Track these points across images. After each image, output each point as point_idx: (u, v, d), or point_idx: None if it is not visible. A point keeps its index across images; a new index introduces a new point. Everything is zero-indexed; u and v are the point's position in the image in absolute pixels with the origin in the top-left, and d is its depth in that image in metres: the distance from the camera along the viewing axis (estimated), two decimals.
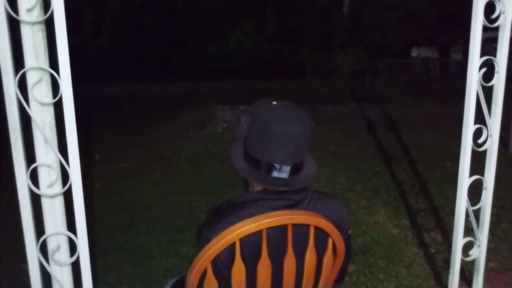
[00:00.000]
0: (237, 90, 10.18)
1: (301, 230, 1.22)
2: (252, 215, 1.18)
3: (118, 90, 11.58)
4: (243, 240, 1.17)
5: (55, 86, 1.36)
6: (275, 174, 1.25)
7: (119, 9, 18.28)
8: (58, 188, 1.47)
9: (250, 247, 1.19)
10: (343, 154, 5.21)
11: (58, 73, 1.34)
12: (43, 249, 1.52)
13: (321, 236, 1.25)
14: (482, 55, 2.20)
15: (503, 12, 2.16)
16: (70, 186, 1.44)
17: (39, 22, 1.34)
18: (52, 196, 1.48)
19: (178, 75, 15.07)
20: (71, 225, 1.51)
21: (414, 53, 16.87)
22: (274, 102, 1.30)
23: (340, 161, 4.90)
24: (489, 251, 2.73)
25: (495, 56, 2.25)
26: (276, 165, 1.24)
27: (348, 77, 12.50)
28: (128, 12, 18.36)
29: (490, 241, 2.87)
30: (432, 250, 3.04)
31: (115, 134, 6.36)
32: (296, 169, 1.27)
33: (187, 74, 15.46)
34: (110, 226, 3.43)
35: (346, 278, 2.67)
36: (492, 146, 2.28)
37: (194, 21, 17.88)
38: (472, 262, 2.47)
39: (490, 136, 2.26)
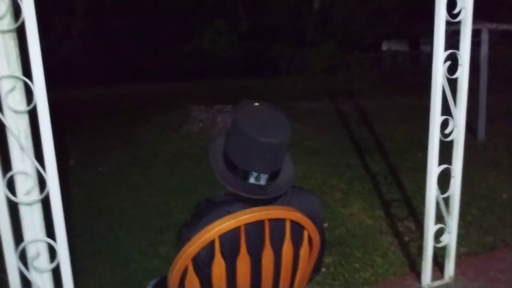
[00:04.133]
0: (212, 89, 10.17)
1: (277, 224, 1.27)
2: (229, 212, 1.22)
3: (90, 92, 11.40)
4: (222, 237, 1.21)
5: (29, 93, 1.37)
6: (252, 180, 1.27)
7: (88, 10, 17.95)
8: (35, 195, 1.48)
9: (229, 244, 1.23)
10: (318, 148, 5.29)
11: (31, 80, 1.34)
12: (22, 257, 1.52)
13: (297, 229, 1.30)
14: (449, 48, 2.29)
15: (464, 8, 2.26)
16: (48, 193, 1.45)
17: (10, 31, 1.34)
18: (30, 204, 1.48)
19: (152, 76, 14.91)
20: (49, 231, 1.52)
21: (384, 46, 17.15)
22: (256, 104, 1.31)
23: (315, 156, 4.98)
24: (459, 236, 2.84)
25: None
26: (253, 173, 1.27)
27: (321, 72, 12.63)
28: (98, 13, 18.04)
29: (460, 227, 2.99)
30: (406, 239, 3.14)
31: (89, 137, 6.27)
32: (273, 176, 1.30)
33: (160, 74, 15.30)
34: (88, 231, 3.40)
35: (323, 269, 2.75)
36: (458, 136, 2.38)
37: (166, 21, 17.73)
38: (444, 248, 2.58)
39: (456, 126, 2.36)
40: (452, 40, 2.49)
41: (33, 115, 1.39)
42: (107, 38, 17.73)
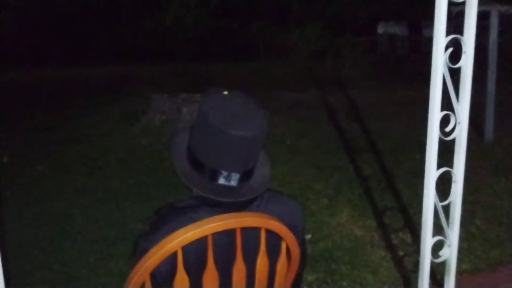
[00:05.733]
0: (177, 74, 10.10)
1: (251, 234, 1.29)
2: (194, 220, 1.23)
3: (29, 75, 11.18)
4: (186, 248, 1.22)
5: None
6: (222, 181, 1.29)
7: None
8: None
9: (194, 256, 1.25)
10: (302, 147, 5.34)
11: None
12: None
13: (274, 239, 1.32)
14: (453, 32, 2.34)
15: None
16: None
17: None
18: None
19: (104, 57, 14.70)
20: None
21: (380, 29, 17.32)
22: (225, 92, 1.33)
23: (298, 156, 5.03)
24: (461, 251, 2.92)
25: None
26: (223, 172, 1.28)
27: (306, 58, 12.69)
28: None
29: (462, 240, 3.07)
30: (401, 253, 3.22)
31: (27, 130, 6.17)
32: (246, 175, 1.31)
33: (114, 55, 15.11)
34: (26, 242, 3.36)
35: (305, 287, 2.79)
36: (461, 135, 2.44)
37: None
38: (443, 264, 2.65)
39: (459, 123, 2.41)
40: (457, 23, 2.56)
41: None
42: (50, 10, 17.36)
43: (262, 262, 1.31)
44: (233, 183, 1.29)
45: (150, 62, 13.05)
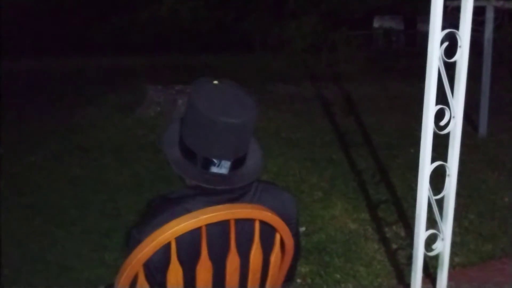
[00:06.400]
0: (172, 66, 10.06)
1: (244, 225, 1.29)
2: (188, 210, 1.23)
3: (23, 65, 11.10)
4: (180, 239, 1.22)
5: None
6: (214, 169, 1.29)
7: None
8: None
9: (188, 247, 1.24)
10: (296, 140, 5.34)
11: None
12: None
13: (267, 231, 1.32)
14: (449, 26, 2.34)
15: None
16: None
17: None
18: None
19: (99, 48, 14.63)
20: None
21: (376, 23, 17.31)
22: (215, 82, 1.34)
23: (293, 149, 5.03)
24: (454, 244, 2.94)
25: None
26: (214, 160, 1.29)
27: (301, 51, 12.67)
28: None
29: (455, 234, 3.10)
30: (394, 246, 3.23)
31: (21, 120, 6.13)
32: (237, 163, 1.32)
33: (110, 46, 15.03)
34: (18, 233, 3.35)
35: (299, 280, 2.80)
36: (455, 129, 2.45)
37: None
38: (436, 257, 2.66)
39: (453, 117, 2.42)
40: (453, 18, 2.55)
41: None
42: (44, 1, 17.25)
43: (255, 253, 1.31)
44: (224, 170, 1.30)
45: (146, 54, 12.99)
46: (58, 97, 7.39)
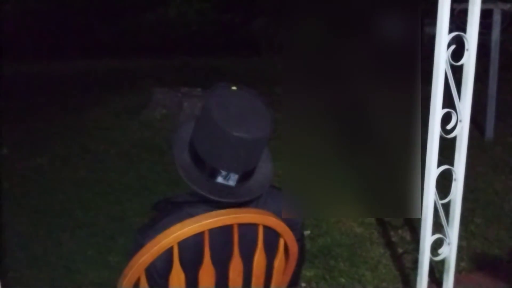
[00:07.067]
0: (178, 68, 10.08)
1: (248, 230, 1.28)
2: (191, 215, 1.22)
3: (30, 68, 11.15)
4: (182, 244, 1.21)
5: None
6: (220, 180, 1.27)
7: None
8: None
9: (191, 252, 1.24)
10: None
11: None
12: None
13: (271, 236, 1.31)
14: (456, 29, 2.33)
15: None
16: None
17: None
18: None
19: (106, 50, 14.67)
20: None
21: None
22: (234, 88, 1.31)
23: None
24: (460, 249, 2.92)
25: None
26: (222, 171, 1.27)
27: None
28: None
29: (462, 238, 3.06)
30: (400, 250, 3.21)
31: (27, 122, 6.15)
32: (245, 176, 1.30)
33: (116, 48, 15.07)
34: (24, 235, 3.36)
35: (303, 284, 2.78)
36: (462, 132, 2.43)
37: None
38: (442, 262, 2.64)
39: (460, 121, 2.41)
40: (460, 21, 2.53)
41: None
42: (51, 3, 17.33)
43: (259, 259, 1.30)
44: (231, 183, 1.28)
45: (152, 56, 13.01)
46: (64, 99, 7.41)
